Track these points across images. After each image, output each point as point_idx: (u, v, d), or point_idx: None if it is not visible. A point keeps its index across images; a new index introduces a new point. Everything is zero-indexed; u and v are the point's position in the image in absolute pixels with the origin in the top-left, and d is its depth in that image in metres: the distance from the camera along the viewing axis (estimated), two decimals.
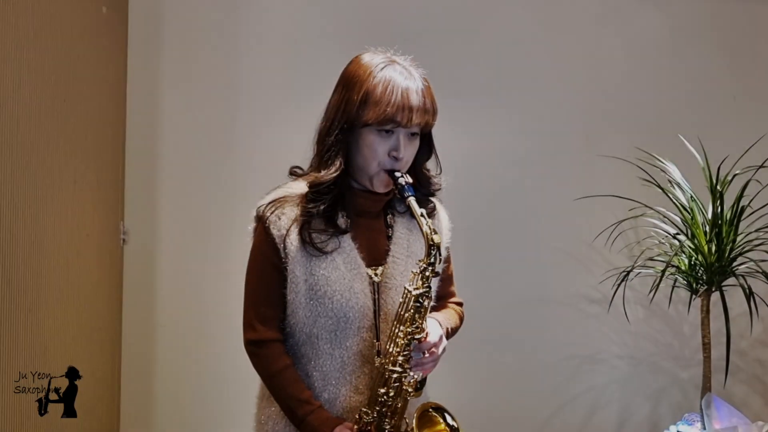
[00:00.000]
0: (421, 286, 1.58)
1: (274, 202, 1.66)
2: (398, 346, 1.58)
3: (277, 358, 1.66)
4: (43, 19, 2.37)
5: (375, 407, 1.60)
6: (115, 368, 3.01)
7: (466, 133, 3.04)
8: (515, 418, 3.08)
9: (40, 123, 2.37)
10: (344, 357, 1.64)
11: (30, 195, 2.32)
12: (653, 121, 3.06)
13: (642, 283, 2.90)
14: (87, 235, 2.72)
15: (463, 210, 3.05)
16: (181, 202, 3.03)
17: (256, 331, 1.66)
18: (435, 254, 1.56)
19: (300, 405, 1.62)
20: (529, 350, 3.09)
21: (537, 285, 3.08)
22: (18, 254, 2.26)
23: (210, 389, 3.03)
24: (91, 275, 2.77)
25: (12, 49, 2.20)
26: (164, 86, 3.02)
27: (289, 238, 1.62)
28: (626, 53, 3.09)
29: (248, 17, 3.03)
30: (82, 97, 2.66)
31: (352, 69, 1.64)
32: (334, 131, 1.62)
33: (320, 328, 1.63)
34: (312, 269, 1.62)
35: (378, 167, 1.62)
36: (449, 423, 1.66)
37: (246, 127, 3.03)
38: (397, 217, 1.74)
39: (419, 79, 1.63)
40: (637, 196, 2.77)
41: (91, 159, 2.75)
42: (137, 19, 3.01)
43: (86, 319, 2.74)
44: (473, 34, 3.06)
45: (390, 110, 1.57)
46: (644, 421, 3.12)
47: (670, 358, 3.12)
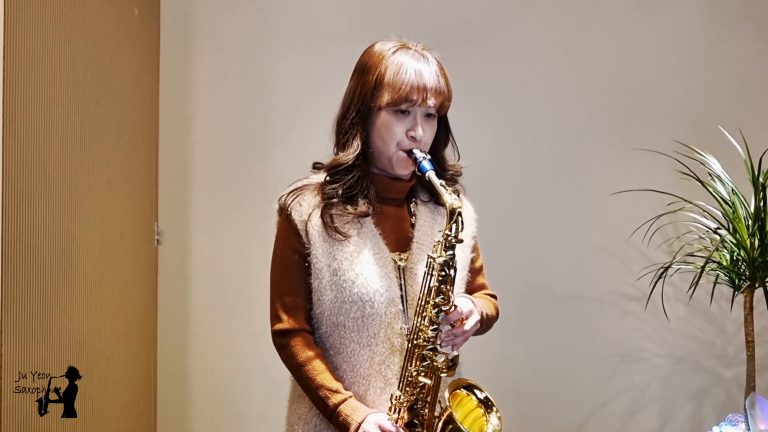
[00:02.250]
0: (444, 254, 1.55)
1: (294, 191, 1.68)
2: (426, 320, 1.56)
3: (306, 348, 1.64)
4: (75, 21, 2.40)
5: (407, 389, 1.57)
6: (151, 368, 3.04)
7: (499, 126, 3.02)
8: (552, 418, 3.04)
9: (73, 125, 2.40)
10: (372, 345, 1.61)
11: (64, 196, 2.35)
12: (692, 112, 2.99)
13: (682, 279, 2.83)
14: (121, 235, 2.75)
15: (498, 206, 3.04)
16: (215, 203, 3.05)
17: (282, 321, 1.65)
18: (457, 220, 1.55)
19: (331, 394, 1.60)
20: (565, 349, 3.04)
21: (573, 282, 3.03)
22: (53, 255, 2.29)
23: (246, 389, 3.04)
24: (126, 276, 2.80)
25: (45, 51, 2.23)
26: (196, 87, 3.05)
27: (311, 223, 1.62)
28: (663, 43, 3.02)
29: (279, 17, 3.04)
30: (115, 99, 2.69)
31: (365, 56, 1.67)
32: (351, 115, 1.64)
33: (346, 316, 1.61)
34: (335, 254, 1.61)
35: (397, 148, 1.62)
36: (480, 398, 1.63)
37: (278, 126, 3.04)
38: (421, 205, 1.74)
39: (433, 61, 1.65)
40: (676, 190, 2.70)
41: (125, 160, 2.77)
42: (169, 20, 3.04)
43: (121, 319, 2.76)
44: (509, 24, 3.03)
45: (405, 89, 1.59)
46: (686, 421, 3.05)
47: (712, 356, 3.04)
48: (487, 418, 1.61)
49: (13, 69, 2.06)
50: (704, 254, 2.59)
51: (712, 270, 2.56)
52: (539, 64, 3.03)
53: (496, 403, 1.63)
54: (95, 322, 2.58)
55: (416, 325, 1.57)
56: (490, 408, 1.62)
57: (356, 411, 1.58)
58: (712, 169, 2.62)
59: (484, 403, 1.63)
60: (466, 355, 1.77)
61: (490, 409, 1.62)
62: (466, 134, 3.02)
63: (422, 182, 1.73)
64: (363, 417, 1.56)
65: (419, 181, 1.74)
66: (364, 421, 1.56)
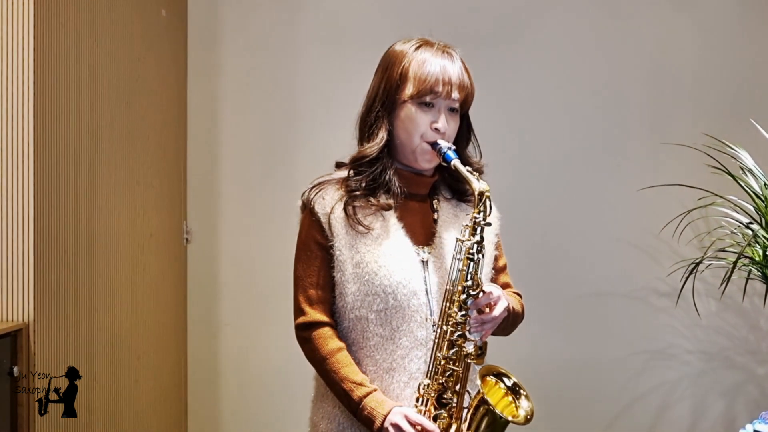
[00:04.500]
0: (473, 238, 1.55)
1: (317, 186, 1.68)
2: (455, 305, 1.55)
3: (329, 341, 1.62)
4: (103, 23, 2.43)
5: (435, 377, 1.55)
6: (182, 367, 3.06)
7: (529, 122, 3.01)
8: (582, 414, 3.02)
9: (102, 125, 2.43)
10: (395, 338, 1.59)
11: (94, 197, 2.38)
12: (722, 106, 2.95)
13: (713, 275, 2.79)
14: (150, 235, 2.77)
15: (528, 201, 3.02)
16: (243, 201, 3.07)
17: (305, 314, 1.64)
18: (485, 203, 1.55)
19: (356, 387, 1.57)
20: (596, 345, 3.02)
21: (603, 278, 3.01)
22: (83, 255, 2.32)
23: (276, 387, 3.06)
24: (156, 275, 2.82)
25: (74, 52, 2.26)
26: (223, 87, 3.07)
27: (334, 215, 1.62)
28: (694, 35, 2.99)
29: (307, 18, 3.05)
30: (144, 100, 2.72)
31: (389, 54, 1.70)
32: (376, 109, 1.65)
33: (368, 309, 1.59)
34: (358, 246, 1.60)
35: (420, 140, 1.63)
36: (508, 385, 1.61)
37: (304, 126, 3.05)
38: (443, 201, 1.73)
39: (456, 57, 1.66)
40: (706, 184, 2.67)
41: (154, 160, 2.80)
42: (196, 21, 3.06)
43: (151, 318, 2.79)
44: (538, 19, 3.02)
45: (430, 80, 1.60)
46: (719, 418, 3.01)
47: (745, 352, 3.00)
48: (517, 404, 1.59)
49: (44, 71, 2.09)
50: (736, 249, 2.55)
51: (744, 265, 2.52)
52: (568, 59, 3.01)
53: (523, 386, 1.61)
54: (126, 322, 2.60)
55: (445, 310, 1.55)
56: (518, 394, 1.60)
57: (382, 404, 1.55)
58: (743, 163, 2.58)
59: (512, 390, 1.61)
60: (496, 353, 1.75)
61: (518, 394, 1.60)
62: (495, 129, 3.03)
63: (445, 179, 1.74)
64: (389, 409, 1.54)
65: (442, 178, 1.74)
66: (390, 413, 1.53)
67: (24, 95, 2.04)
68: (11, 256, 2.04)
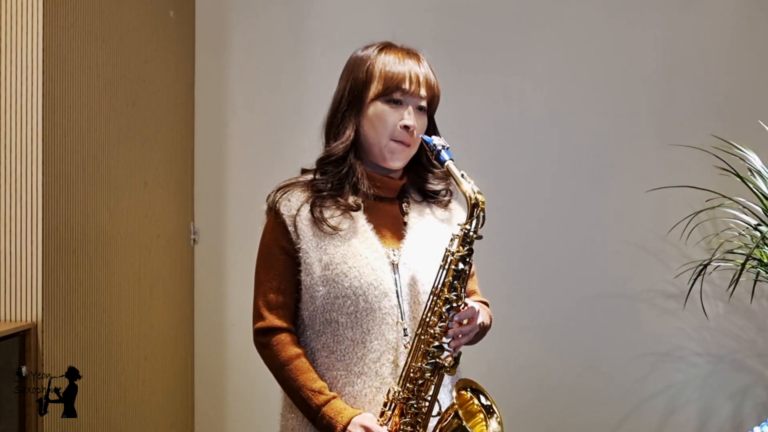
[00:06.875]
0: (462, 249, 1.51)
1: (282, 188, 1.67)
2: (436, 315, 1.51)
3: (287, 347, 1.57)
4: (111, 24, 2.43)
5: (407, 384, 1.51)
6: (188, 367, 3.07)
7: (536, 123, 3.00)
8: (589, 417, 3.01)
9: (109, 126, 2.44)
10: (366, 342, 1.55)
11: (101, 197, 2.39)
12: (730, 107, 2.94)
13: (721, 277, 2.78)
14: (158, 235, 2.78)
15: (535, 203, 3.02)
16: (250, 202, 3.07)
17: (264, 319, 1.60)
18: (478, 215, 1.51)
19: (314, 395, 1.53)
20: (603, 347, 3.01)
21: (610, 280, 3.00)
22: (90, 256, 2.33)
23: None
24: (163, 276, 2.83)
25: (81, 53, 2.27)
26: (231, 88, 3.07)
27: (300, 217, 1.59)
28: (701, 36, 2.97)
29: (313, 18, 3.05)
30: (152, 100, 2.73)
31: (352, 59, 1.70)
32: (342, 110, 1.65)
33: (339, 311, 1.55)
34: (326, 248, 1.57)
35: (389, 138, 1.61)
36: (483, 403, 1.57)
37: (313, 127, 3.02)
38: (413, 204, 1.70)
39: (422, 58, 1.66)
40: (714, 186, 2.66)
41: (161, 161, 2.81)
42: (204, 22, 3.07)
43: (158, 319, 2.80)
44: (545, 20, 3.01)
45: (397, 77, 1.60)
46: (726, 421, 3.00)
47: (753, 355, 2.98)
48: (487, 423, 1.56)
49: (52, 71, 2.10)
50: (744, 251, 2.54)
51: (752, 267, 2.51)
52: (575, 60, 3.01)
53: (499, 410, 1.58)
54: (133, 322, 2.61)
55: (425, 320, 1.52)
56: (491, 414, 1.57)
57: (340, 413, 1.51)
58: (752, 164, 2.57)
59: (486, 409, 1.57)
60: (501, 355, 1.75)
61: (491, 415, 1.57)
62: (504, 131, 3.03)
63: (414, 182, 1.71)
64: (348, 419, 1.50)
65: (411, 181, 1.71)
66: (349, 424, 1.49)
67: (33, 97, 2.05)
68: (20, 256, 2.05)
